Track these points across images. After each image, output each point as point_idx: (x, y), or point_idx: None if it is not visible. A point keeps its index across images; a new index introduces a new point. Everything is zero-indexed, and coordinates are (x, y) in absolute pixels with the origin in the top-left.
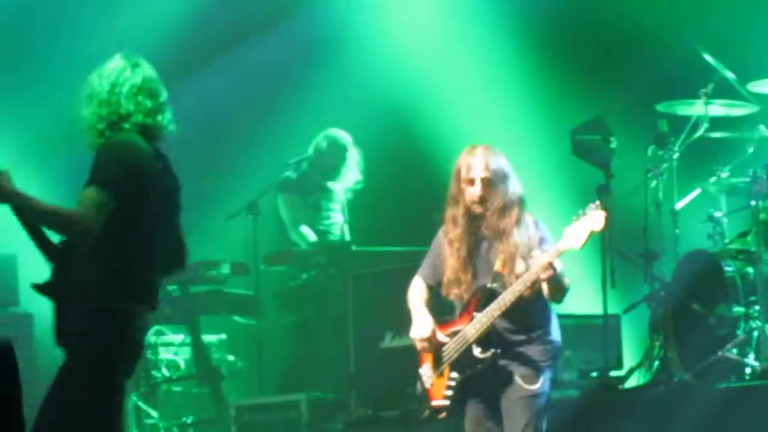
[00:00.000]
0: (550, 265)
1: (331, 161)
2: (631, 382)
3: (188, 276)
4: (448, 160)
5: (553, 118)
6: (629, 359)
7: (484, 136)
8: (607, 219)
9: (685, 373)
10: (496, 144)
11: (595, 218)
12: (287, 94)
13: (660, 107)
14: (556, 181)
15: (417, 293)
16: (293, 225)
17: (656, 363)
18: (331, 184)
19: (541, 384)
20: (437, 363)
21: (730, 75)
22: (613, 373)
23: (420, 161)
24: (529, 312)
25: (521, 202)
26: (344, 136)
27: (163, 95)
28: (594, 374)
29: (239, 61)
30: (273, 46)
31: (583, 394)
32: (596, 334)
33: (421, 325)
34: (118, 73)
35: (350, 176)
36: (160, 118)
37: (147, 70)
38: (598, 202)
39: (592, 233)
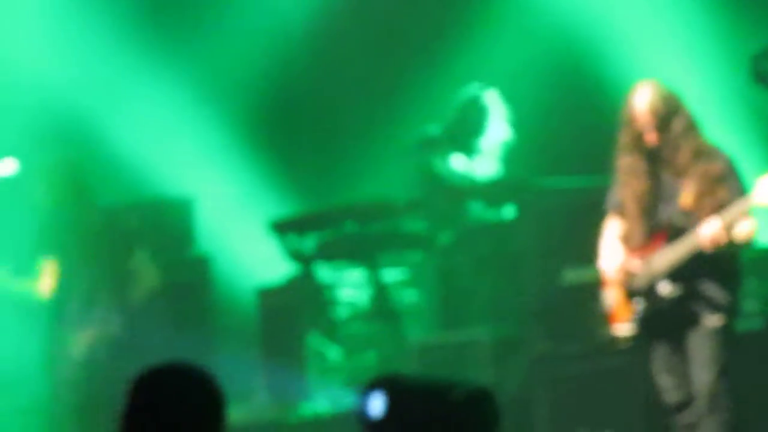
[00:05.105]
0: (723, 234)
1: (474, 118)
2: None
3: (366, 214)
4: (622, 92)
5: (730, 43)
6: None
7: (657, 67)
8: None
9: None
10: (670, 75)
11: None
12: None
13: None
14: (736, 114)
15: (611, 226)
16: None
17: None
18: (478, 143)
19: (724, 319)
20: (623, 293)
21: None
22: None
23: (593, 94)
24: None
25: (697, 133)
26: (485, 92)
27: None
28: None
29: (395, 16)
30: None
31: None
32: None
33: (610, 259)
34: None
35: (498, 131)
36: None
37: None
38: None
39: None
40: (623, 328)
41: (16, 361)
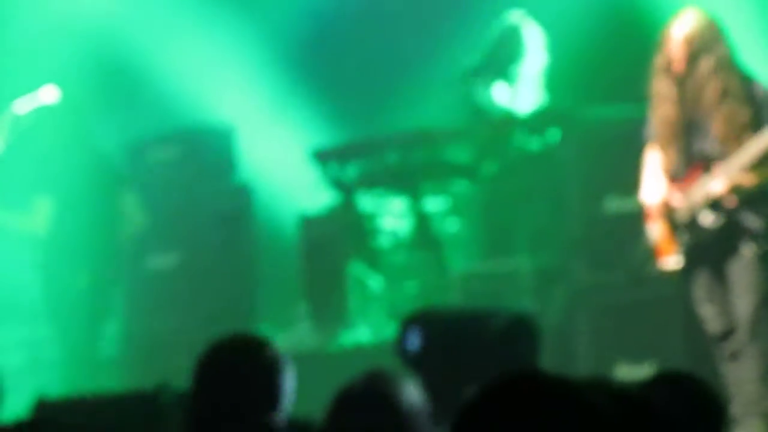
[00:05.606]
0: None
1: (511, 45)
2: None
3: (409, 142)
4: (669, 18)
5: None
6: None
7: None
8: None
9: None
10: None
11: None
12: None
13: None
14: None
15: (651, 157)
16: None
17: None
18: (517, 70)
19: (764, 247)
20: (667, 227)
21: None
22: None
23: (640, 21)
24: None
25: (729, 74)
26: (523, 20)
27: None
28: None
29: None
30: None
31: None
32: None
33: (652, 192)
34: None
35: (537, 58)
36: None
37: None
38: None
39: None
40: (671, 261)
41: (15, 295)
